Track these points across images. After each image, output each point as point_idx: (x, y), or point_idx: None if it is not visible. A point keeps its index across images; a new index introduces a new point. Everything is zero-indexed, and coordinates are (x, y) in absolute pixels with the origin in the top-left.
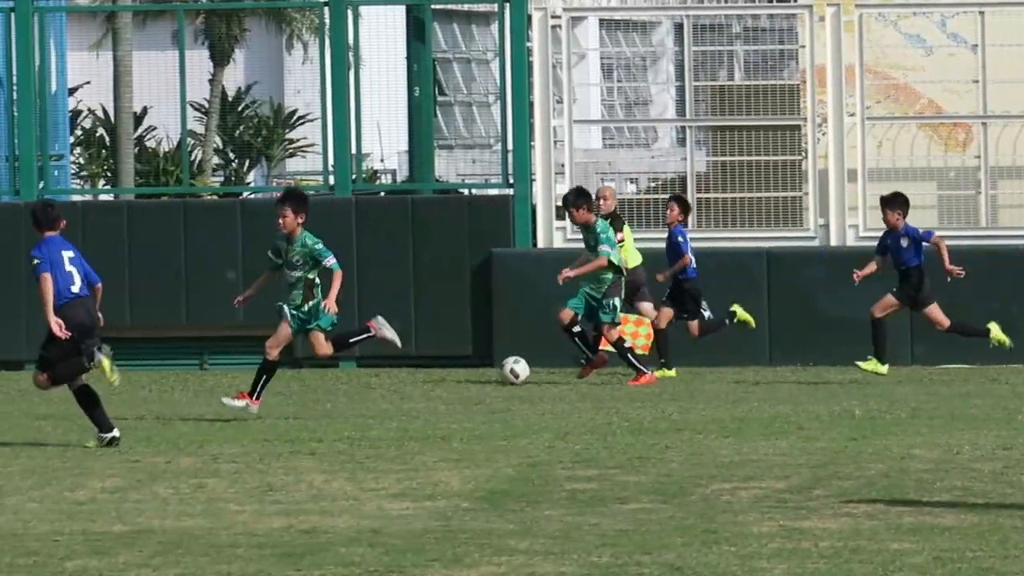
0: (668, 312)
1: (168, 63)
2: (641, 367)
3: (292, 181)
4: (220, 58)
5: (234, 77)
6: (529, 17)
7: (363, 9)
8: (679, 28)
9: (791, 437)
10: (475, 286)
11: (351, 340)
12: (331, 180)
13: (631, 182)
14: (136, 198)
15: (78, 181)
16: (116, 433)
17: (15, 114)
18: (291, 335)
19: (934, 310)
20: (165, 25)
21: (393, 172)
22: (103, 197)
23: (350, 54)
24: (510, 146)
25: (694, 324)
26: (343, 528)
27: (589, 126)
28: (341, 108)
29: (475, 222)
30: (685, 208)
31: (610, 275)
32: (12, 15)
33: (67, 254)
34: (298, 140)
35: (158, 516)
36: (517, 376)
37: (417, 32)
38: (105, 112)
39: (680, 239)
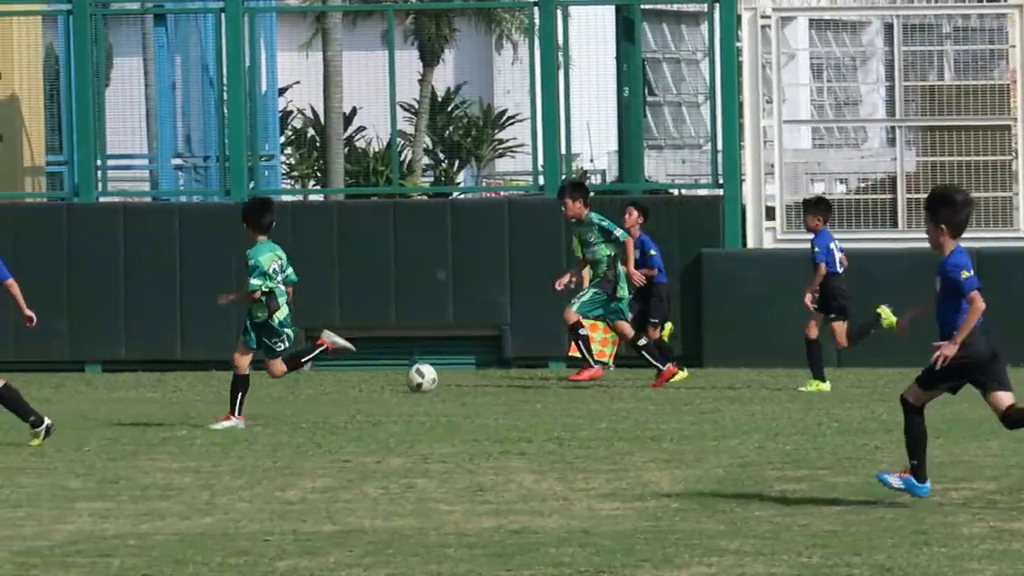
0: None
1: (378, 63)
2: (590, 360)
3: (502, 181)
4: (430, 58)
5: (443, 77)
6: (739, 17)
7: (573, 9)
8: (889, 28)
9: (1001, 438)
10: (684, 286)
11: (303, 359)
12: (541, 180)
13: (841, 182)
14: (346, 198)
15: (288, 181)
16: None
17: (226, 114)
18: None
19: (836, 327)
20: (375, 25)
21: (603, 172)
22: (313, 197)
23: (560, 54)
24: (720, 146)
25: (656, 331)
26: (553, 528)
27: (799, 126)
28: (551, 108)
29: (685, 222)
30: (645, 213)
31: (604, 265)
32: (223, 15)
33: None
34: (507, 140)
35: (368, 516)
36: (420, 384)
37: (626, 32)
38: (315, 112)
39: (652, 251)
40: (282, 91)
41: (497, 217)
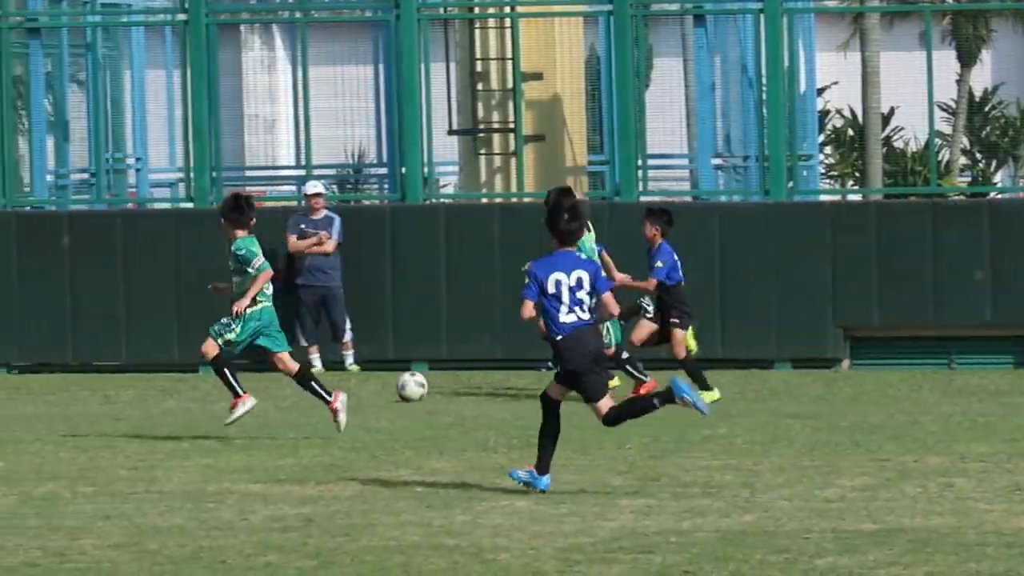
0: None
1: (915, 63)
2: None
3: None
4: (967, 59)
5: (981, 77)
6: None
7: None
8: None
9: None
10: None
11: (312, 387)
12: None
13: None
14: (884, 198)
15: (827, 181)
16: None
17: (765, 114)
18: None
19: (677, 334)
20: (912, 26)
21: None
22: (851, 197)
23: None
24: None
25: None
26: None
27: None
28: None
29: None
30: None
31: None
32: (761, 16)
33: None
34: None
35: (907, 514)
36: (405, 390)
37: None
38: (853, 112)
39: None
40: (821, 91)
41: None
